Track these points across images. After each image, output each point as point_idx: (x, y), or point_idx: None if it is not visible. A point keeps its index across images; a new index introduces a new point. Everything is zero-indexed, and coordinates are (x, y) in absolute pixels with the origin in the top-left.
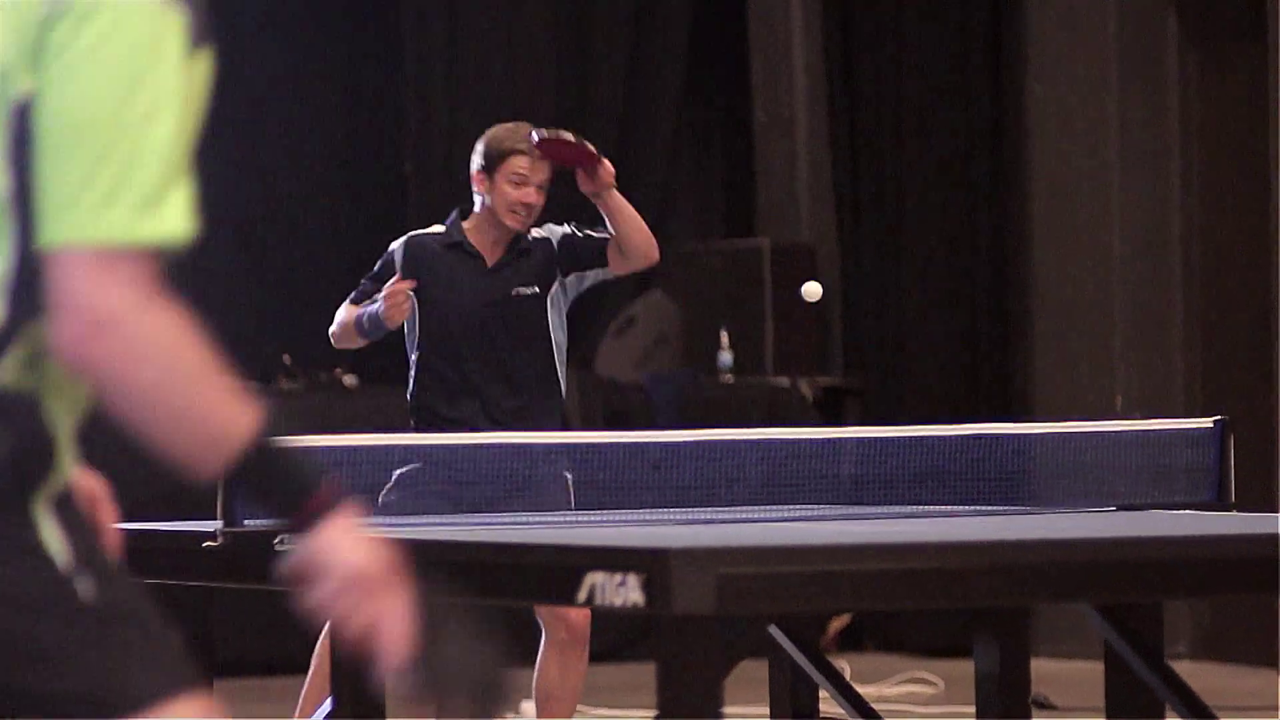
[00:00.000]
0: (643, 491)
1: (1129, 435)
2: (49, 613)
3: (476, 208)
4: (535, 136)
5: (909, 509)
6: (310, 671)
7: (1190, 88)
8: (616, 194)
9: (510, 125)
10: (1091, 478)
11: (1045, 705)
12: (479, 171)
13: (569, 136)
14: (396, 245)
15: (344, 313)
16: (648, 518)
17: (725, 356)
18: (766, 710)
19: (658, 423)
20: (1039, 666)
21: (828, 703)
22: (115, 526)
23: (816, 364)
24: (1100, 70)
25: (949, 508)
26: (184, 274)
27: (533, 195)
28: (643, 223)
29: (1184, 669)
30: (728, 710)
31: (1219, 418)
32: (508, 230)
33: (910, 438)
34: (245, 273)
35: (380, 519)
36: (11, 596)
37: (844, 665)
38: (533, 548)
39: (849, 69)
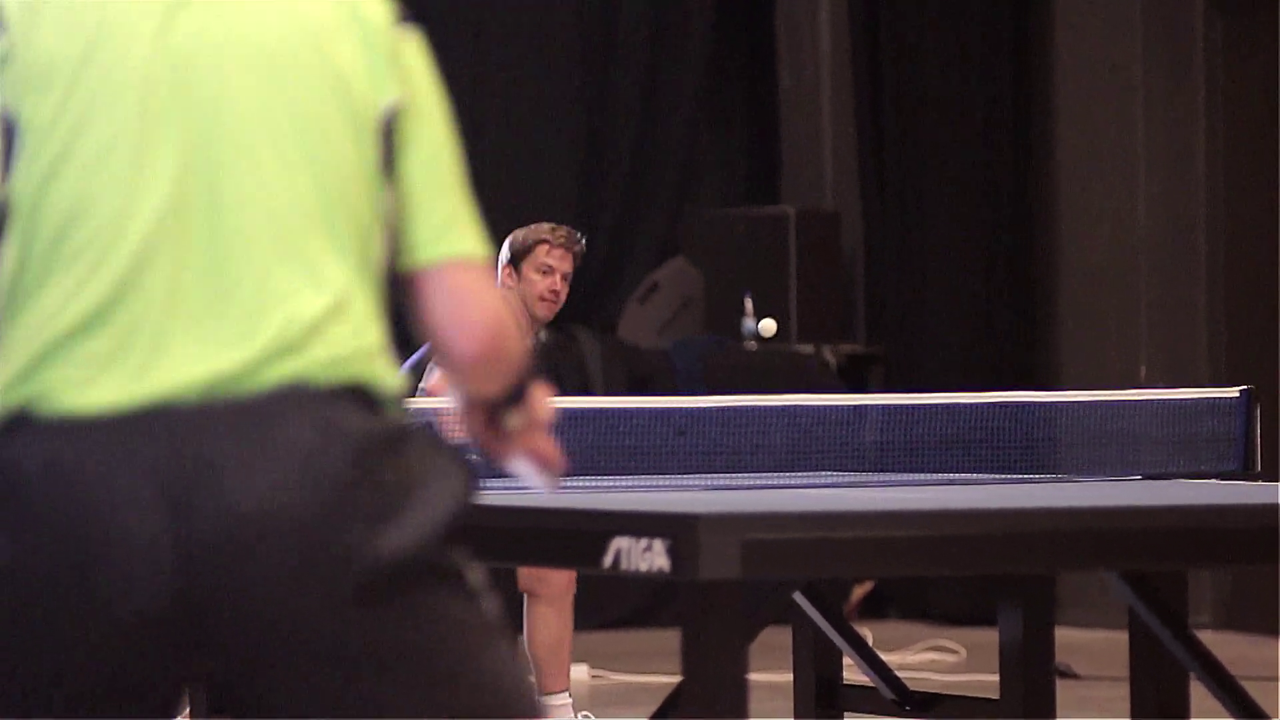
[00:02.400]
0: (667, 457)
1: (1155, 404)
2: (472, 631)
3: None
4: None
5: (933, 476)
6: None
7: (1215, 60)
8: None
9: (532, 225)
10: (1117, 446)
11: (1068, 674)
12: (506, 265)
13: None
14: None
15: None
16: (672, 483)
17: (749, 323)
18: (790, 677)
19: (681, 389)
20: (1062, 635)
21: (851, 670)
22: None
23: (840, 331)
24: (1126, 41)
25: (973, 475)
26: None
27: (559, 284)
28: None
29: (1207, 639)
30: (751, 676)
31: (1245, 387)
32: (534, 324)
33: (935, 405)
34: None
35: None
36: (454, 620)
37: (866, 633)
38: (557, 512)
39: (874, 37)
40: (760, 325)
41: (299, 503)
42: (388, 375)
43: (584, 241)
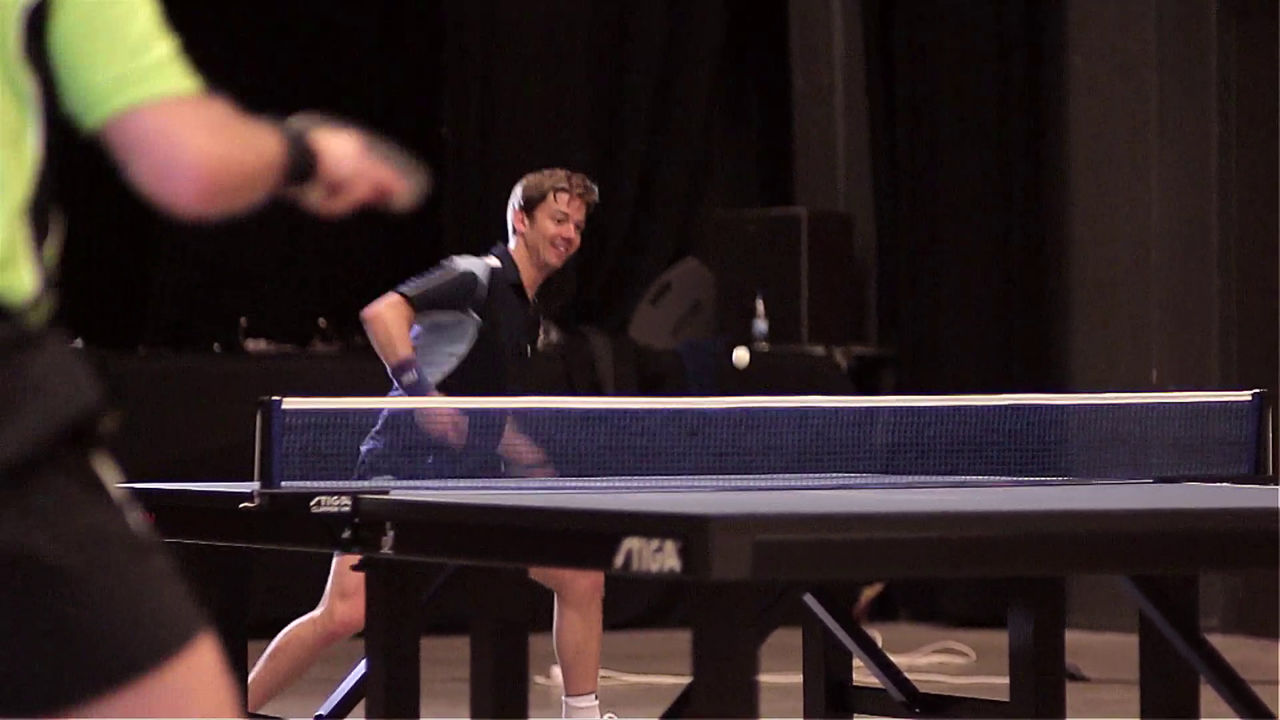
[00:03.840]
0: (679, 458)
1: (1167, 407)
2: (110, 542)
3: (512, 246)
4: None
5: (944, 478)
6: (273, 659)
7: (1229, 61)
8: None
9: (546, 170)
10: (1128, 449)
11: (1078, 677)
12: (519, 210)
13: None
14: (479, 272)
15: (397, 325)
16: (684, 484)
17: (761, 325)
18: (800, 678)
19: (692, 390)
20: (1071, 638)
21: (861, 671)
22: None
23: (852, 332)
24: (1139, 42)
25: (984, 477)
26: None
27: (572, 231)
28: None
29: (1217, 642)
30: (761, 678)
31: (1257, 390)
32: (545, 270)
33: (947, 407)
34: (281, 236)
35: (417, 482)
36: (85, 528)
37: (876, 634)
38: (569, 513)
39: (887, 39)
40: (735, 357)
41: None
42: (17, 283)
43: (597, 193)
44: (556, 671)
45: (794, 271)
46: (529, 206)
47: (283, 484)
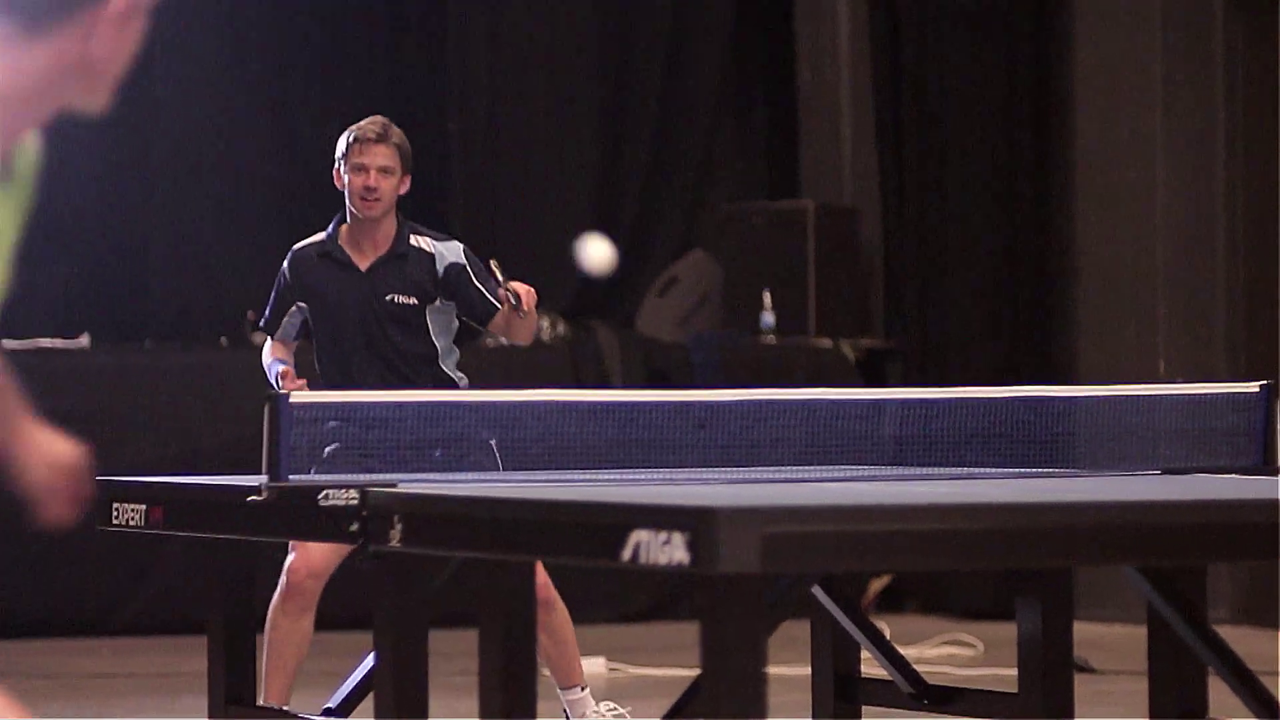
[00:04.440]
0: (686, 451)
1: (1174, 398)
2: None
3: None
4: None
5: (951, 470)
6: (270, 652)
7: (1235, 57)
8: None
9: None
10: (1135, 441)
11: (1085, 669)
12: (335, 170)
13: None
14: (286, 262)
15: (266, 352)
16: (691, 477)
17: (767, 317)
18: (808, 670)
19: (699, 383)
20: (1079, 630)
21: (869, 663)
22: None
23: (858, 325)
24: (1145, 36)
25: (991, 469)
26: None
27: (372, 179)
28: (534, 325)
29: (1225, 633)
30: (770, 670)
31: (1264, 382)
32: (370, 222)
33: (954, 399)
34: (286, 229)
35: (422, 476)
36: None
37: (884, 626)
38: (577, 506)
39: (893, 32)
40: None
41: None
42: None
43: (398, 132)
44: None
45: (801, 264)
46: (339, 165)
47: (290, 477)
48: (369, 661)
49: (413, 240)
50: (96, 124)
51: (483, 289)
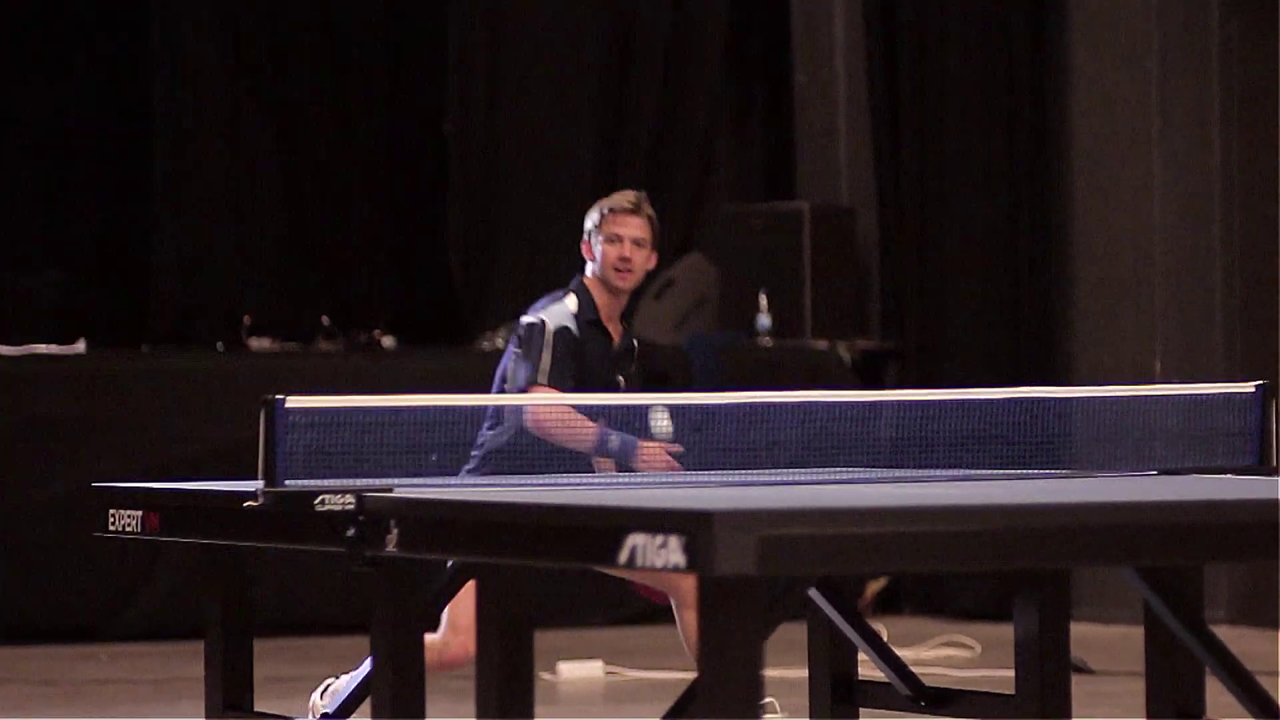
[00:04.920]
0: (683, 453)
1: (1171, 399)
2: None
3: (587, 275)
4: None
5: (948, 472)
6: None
7: (1231, 54)
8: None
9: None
10: (1132, 441)
11: (1084, 669)
12: (585, 242)
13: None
14: (566, 322)
15: (560, 419)
16: (688, 479)
17: (764, 319)
18: (805, 673)
19: (696, 385)
20: (1076, 630)
21: (866, 665)
22: None
23: (855, 326)
24: (1142, 37)
25: (988, 470)
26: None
27: (628, 250)
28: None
29: (1222, 634)
30: (767, 672)
31: (1260, 382)
32: (618, 295)
33: (951, 401)
34: (284, 234)
35: (419, 480)
36: None
37: (881, 628)
38: (573, 509)
39: (889, 32)
40: (658, 425)
41: None
42: None
43: (649, 207)
44: (562, 667)
45: (797, 266)
46: (590, 237)
47: (287, 483)
48: (366, 666)
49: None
50: (94, 129)
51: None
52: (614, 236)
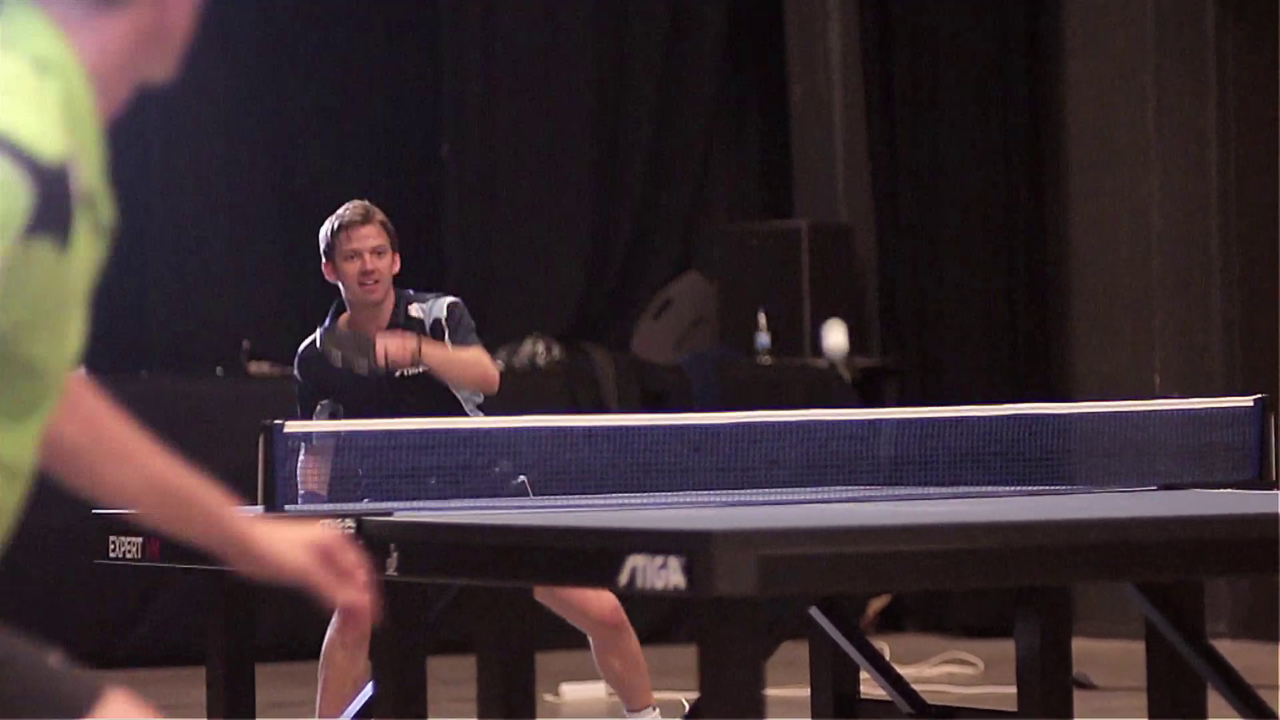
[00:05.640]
0: (682, 473)
1: (1170, 414)
2: None
3: (343, 293)
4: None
5: (948, 489)
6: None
7: (1228, 63)
8: (433, 354)
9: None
10: (1132, 457)
11: (1085, 685)
12: (326, 264)
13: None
14: (295, 369)
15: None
16: (687, 500)
17: (763, 338)
18: (807, 692)
19: (695, 405)
20: (1078, 646)
21: (868, 684)
22: None
23: (854, 344)
24: (1138, 46)
25: (989, 488)
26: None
27: (369, 262)
28: (469, 365)
29: (1224, 648)
30: (769, 692)
31: (1259, 396)
32: (373, 306)
33: (950, 418)
34: (283, 259)
35: (418, 504)
36: None
37: (883, 646)
38: (573, 531)
39: (886, 49)
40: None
41: None
42: None
43: (379, 211)
44: (565, 689)
45: (796, 284)
46: (329, 257)
47: (286, 508)
48: (369, 689)
49: (410, 310)
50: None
51: (451, 344)
52: (351, 253)
